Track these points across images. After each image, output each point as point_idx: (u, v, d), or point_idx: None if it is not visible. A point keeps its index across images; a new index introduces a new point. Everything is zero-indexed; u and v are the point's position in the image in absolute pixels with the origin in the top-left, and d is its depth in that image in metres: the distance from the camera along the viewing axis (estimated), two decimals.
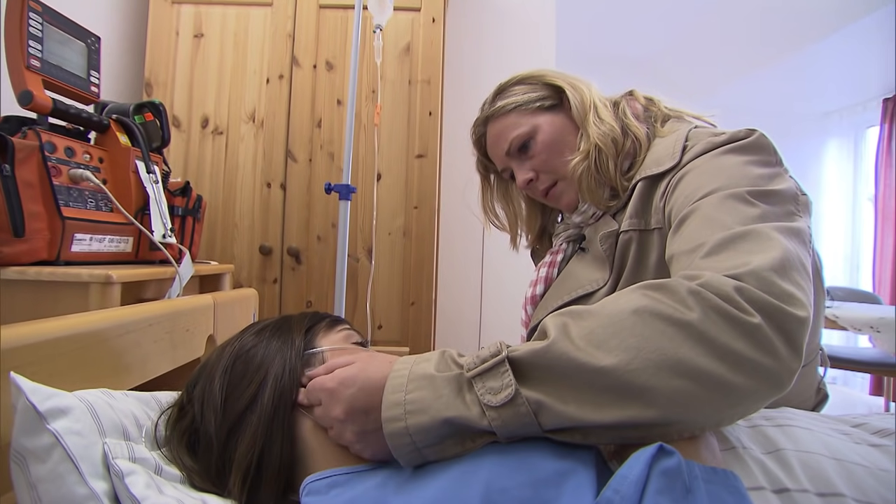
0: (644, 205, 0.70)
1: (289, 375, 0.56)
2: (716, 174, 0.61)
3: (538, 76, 0.82)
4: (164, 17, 1.74)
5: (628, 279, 0.70)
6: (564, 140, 0.79)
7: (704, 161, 0.64)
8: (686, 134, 0.71)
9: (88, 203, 0.93)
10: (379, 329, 1.72)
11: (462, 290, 2.20)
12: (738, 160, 0.62)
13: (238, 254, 1.73)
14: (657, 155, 0.72)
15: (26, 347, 0.50)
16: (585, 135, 0.76)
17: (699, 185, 0.61)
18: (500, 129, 0.82)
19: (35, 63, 0.89)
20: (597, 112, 0.76)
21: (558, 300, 0.77)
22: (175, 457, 0.54)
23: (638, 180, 0.72)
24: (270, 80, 1.75)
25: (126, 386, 0.65)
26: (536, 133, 0.79)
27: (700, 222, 0.56)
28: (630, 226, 0.70)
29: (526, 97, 0.80)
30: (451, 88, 2.13)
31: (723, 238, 0.51)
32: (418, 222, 1.74)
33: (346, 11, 1.75)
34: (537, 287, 0.84)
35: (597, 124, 0.75)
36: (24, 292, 0.82)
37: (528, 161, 0.81)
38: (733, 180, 0.58)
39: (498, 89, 0.85)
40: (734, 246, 0.50)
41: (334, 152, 1.75)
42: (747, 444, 0.51)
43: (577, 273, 0.78)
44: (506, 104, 0.81)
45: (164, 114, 1.16)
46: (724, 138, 0.66)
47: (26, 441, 0.44)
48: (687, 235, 0.56)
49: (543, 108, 0.80)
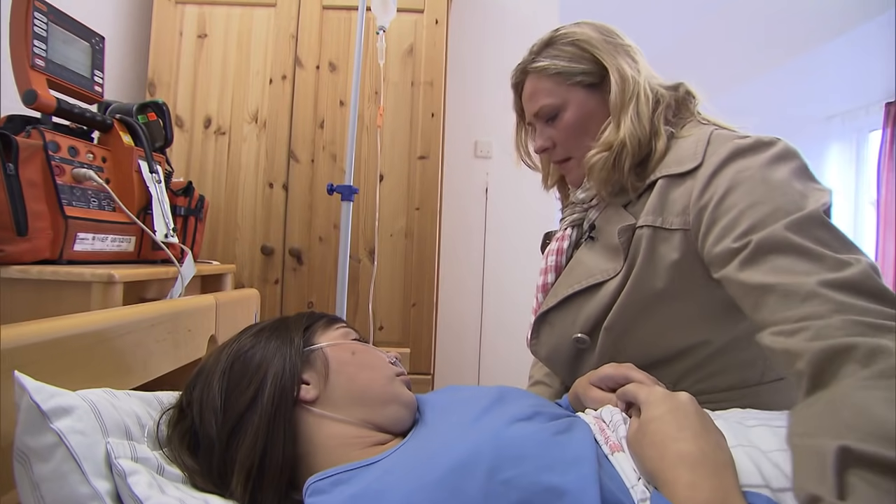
0: (662, 203, 0.70)
1: (289, 373, 0.56)
2: (770, 192, 0.60)
3: (591, 45, 0.78)
4: (167, 17, 1.75)
5: (639, 273, 0.70)
6: (589, 124, 0.79)
7: (753, 174, 0.63)
8: (708, 136, 0.70)
9: (91, 202, 0.94)
10: (380, 330, 1.72)
11: (463, 292, 2.20)
12: (784, 173, 0.61)
13: (240, 254, 1.73)
14: (679, 155, 0.71)
15: (29, 347, 0.50)
16: (615, 125, 0.75)
17: (754, 201, 0.60)
18: (535, 89, 0.82)
19: (40, 62, 0.89)
20: (637, 107, 0.75)
21: (568, 288, 0.77)
22: (176, 457, 0.55)
23: (658, 178, 0.71)
24: (273, 80, 1.75)
25: (128, 386, 0.65)
26: (565, 109, 0.79)
27: (792, 261, 0.55)
28: (647, 221, 0.70)
29: (569, 66, 0.78)
30: (454, 90, 2.13)
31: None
32: (420, 223, 1.74)
33: (350, 13, 1.75)
34: (548, 276, 0.84)
35: (633, 121, 0.74)
36: (27, 291, 0.82)
37: (550, 130, 0.81)
38: (793, 202, 0.58)
39: (549, 40, 0.82)
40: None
41: (336, 153, 1.75)
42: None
43: (586, 262, 0.78)
44: (549, 66, 0.79)
45: (168, 114, 1.16)
46: (749, 142, 0.65)
47: (30, 440, 0.44)
48: (785, 273, 0.54)
49: (583, 84, 0.78)
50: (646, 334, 0.72)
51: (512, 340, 2.15)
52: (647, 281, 0.69)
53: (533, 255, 1.04)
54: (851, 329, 0.47)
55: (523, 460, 0.46)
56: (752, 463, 0.48)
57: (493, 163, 2.21)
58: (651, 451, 0.47)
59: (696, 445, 0.45)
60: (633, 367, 0.64)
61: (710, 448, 0.45)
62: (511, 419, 0.53)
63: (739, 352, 0.72)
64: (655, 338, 0.72)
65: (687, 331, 0.71)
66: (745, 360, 0.73)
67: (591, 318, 0.74)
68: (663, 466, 0.45)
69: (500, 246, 2.19)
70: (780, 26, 2.99)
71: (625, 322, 0.71)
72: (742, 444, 0.51)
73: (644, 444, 0.48)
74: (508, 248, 2.18)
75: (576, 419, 0.58)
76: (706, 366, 0.72)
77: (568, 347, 0.78)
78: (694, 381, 0.73)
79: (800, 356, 0.48)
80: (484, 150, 2.21)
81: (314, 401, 0.57)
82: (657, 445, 0.47)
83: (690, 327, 0.71)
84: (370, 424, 0.58)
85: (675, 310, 0.70)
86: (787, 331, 0.51)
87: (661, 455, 0.45)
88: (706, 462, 0.44)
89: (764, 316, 0.55)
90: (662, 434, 0.47)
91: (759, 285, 0.56)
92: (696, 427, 0.47)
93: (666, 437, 0.47)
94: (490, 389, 0.64)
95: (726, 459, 0.45)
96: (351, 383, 0.59)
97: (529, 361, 1.03)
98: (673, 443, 0.46)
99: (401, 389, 0.62)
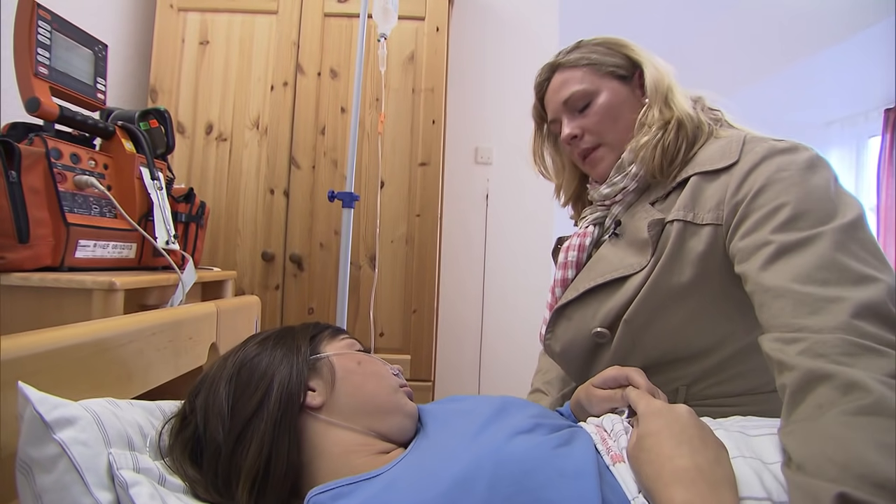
0: (695, 199, 0.70)
1: (296, 379, 0.57)
2: (807, 196, 0.60)
3: (622, 45, 0.82)
4: (170, 24, 1.76)
5: (664, 266, 0.69)
6: (622, 110, 0.79)
7: (791, 174, 0.63)
8: (743, 137, 0.71)
9: (93, 209, 0.94)
10: (381, 336, 1.72)
11: (464, 298, 2.19)
12: (821, 180, 0.62)
13: (240, 260, 1.73)
14: (711, 153, 0.72)
15: (30, 357, 0.50)
16: (666, 107, 0.76)
17: (788, 201, 0.60)
18: (566, 78, 0.82)
19: (43, 70, 0.89)
20: (674, 94, 0.77)
21: (590, 282, 0.77)
22: (178, 467, 0.55)
23: (691, 175, 0.71)
24: (275, 87, 1.76)
25: (129, 394, 0.65)
26: (598, 94, 0.80)
27: (816, 263, 0.55)
28: (678, 216, 0.70)
29: (602, 58, 0.80)
30: (455, 97, 2.14)
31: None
32: (421, 230, 1.74)
33: (351, 20, 1.76)
34: (567, 270, 0.83)
35: (682, 101, 0.76)
36: (28, 298, 0.82)
37: (581, 118, 0.81)
38: (826, 211, 0.59)
39: (578, 44, 0.84)
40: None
41: (338, 159, 1.75)
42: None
43: (609, 257, 0.77)
44: (580, 58, 0.81)
45: (169, 120, 1.16)
46: (786, 145, 0.66)
47: (32, 451, 0.44)
48: (804, 276, 0.55)
49: (615, 74, 0.80)
50: (665, 330, 0.71)
51: (513, 347, 2.15)
52: (672, 274, 0.69)
53: (534, 261, 1.04)
54: (844, 348, 0.47)
55: (524, 476, 0.46)
56: (755, 475, 0.48)
57: (494, 169, 2.21)
58: (647, 469, 0.47)
59: (692, 461, 0.45)
60: (636, 371, 0.64)
61: (708, 464, 0.45)
62: (512, 432, 0.53)
63: (757, 356, 0.72)
64: (675, 334, 0.71)
65: (706, 329, 0.70)
66: (762, 365, 0.73)
67: (612, 312, 0.73)
68: (659, 485, 0.44)
69: (500, 252, 2.19)
70: (779, 32, 3.01)
71: (645, 315, 0.70)
72: (745, 455, 0.51)
73: (641, 461, 0.48)
74: (509, 255, 2.18)
75: (577, 430, 0.58)
76: (723, 369, 0.72)
77: (585, 342, 0.77)
78: (709, 384, 0.72)
79: (788, 369, 0.50)
80: (484, 156, 2.21)
81: (320, 407, 0.57)
82: (653, 462, 0.46)
83: (710, 326, 0.70)
84: (374, 433, 0.58)
85: (696, 306, 0.69)
86: (786, 339, 0.52)
87: (658, 473, 0.45)
88: (703, 479, 0.44)
89: (769, 318, 0.56)
90: (659, 450, 0.47)
91: (773, 287, 0.56)
92: (693, 442, 0.47)
93: (662, 453, 0.47)
94: (491, 400, 0.64)
95: (725, 475, 0.45)
96: (357, 392, 0.59)
97: (530, 368, 1.03)
98: (669, 460, 0.46)
99: (404, 400, 0.63)
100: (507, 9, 2.23)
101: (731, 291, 0.66)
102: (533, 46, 2.20)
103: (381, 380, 0.62)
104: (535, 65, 0.90)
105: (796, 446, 0.46)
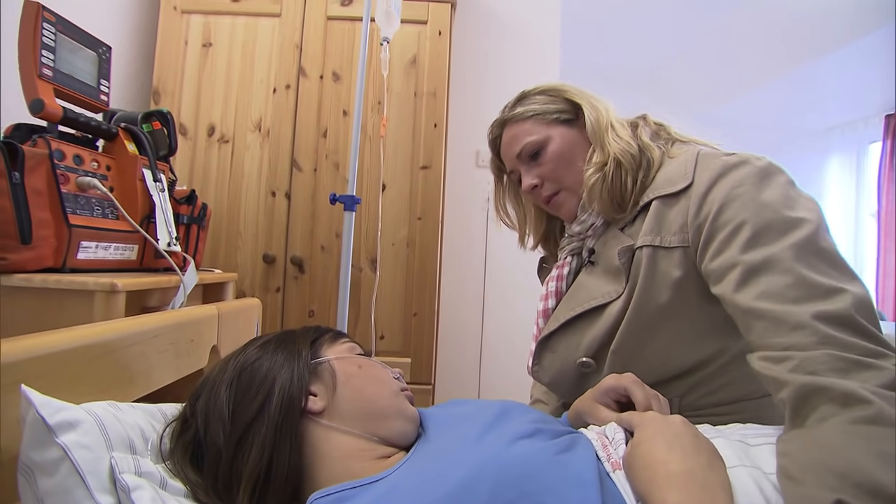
0: (659, 223, 0.71)
1: (297, 383, 0.57)
2: (763, 210, 0.62)
3: (560, 90, 0.84)
4: (173, 27, 1.76)
5: (641, 291, 0.70)
6: (574, 153, 0.81)
7: (746, 190, 0.64)
8: (696, 155, 0.73)
9: (95, 211, 0.94)
10: (381, 339, 1.72)
11: (465, 302, 2.19)
12: (776, 191, 0.63)
13: (241, 262, 1.74)
14: (669, 175, 0.73)
15: (33, 360, 0.50)
16: (601, 149, 0.78)
17: (748, 218, 0.62)
18: (515, 133, 0.84)
19: (47, 72, 0.89)
20: (614, 130, 0.79)
21: (570, 312, 0.78)
22: (179, 471, 0.54)
23: (652, 199, 0.73)
24: (277, 89, 1.76)
25: (131, 397, 0.65)
26: (548, 143, 0.82)
27: (784, 280, 0.57)
28: (646, 242, 0.71)
29: (544, 107, 0.83)
30: (457, 101, 2.14)
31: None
32: (422, 233, 1.74)
33: (354, 23, 1.77)
34: (549, 301, 0.85)
35: (616, 140, 0.78)
36: (30, 299, 0.82)
37: (537, 168, 0.83)
38: (786, 222, 0.60)
39: (520, 96, 0.87)
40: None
41: (339, 162, 1.75)
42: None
43: (588, 285, 0.79)
44: (524, 111, 0.84)
45: (172, 122, 1.16)
46: (736, 159, 0.68)
47: (34, 454, 0.44)
48: (776, 294, 0.56)
49: (559, 120, 0.82)
50: (654, 355, 0.72)
51: (513, 350, 2.15)
52: (650, 298, 0.70)
53: (535, 265, 1.04)
54: (833, 363, 0.49)
55: (525, 481, 0.46)
56: (755, 484, 0.48)
57: None
58: (641, 474, 0.47)
59: (685, 465, 0.45)
60: (635, 380, 0.64)
61: (701, 469, 0.45)
62: (513, 437, 0.53)
63: (746, 364, 0.72)
64: (663, 358, 0.72)
65: (695, 347, 0.71)
66: (751, 372, 0.73)
67: (595, 342, 0.74)
68: (652, 489, 0.45)
69: (501, 255, 2.19)
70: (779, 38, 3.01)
71: (632, 344, 0.72)
72: (745, 464, 0.51)
73: (635, 467, 0.48)
74: (510, 258, 2.18)
75: (578, 436, 0.58)
76: (715, 378, 0.72)
77: (572, 372, 0.78)
78: (702, 394, 0.73)
79: (784, 386, 0.51)
80: (486, 160, 2.20)
81: (321, 412, 0.57)
82: (647, 468, 0.47)
83: (698, 343, 0.71)
84: (375, 437, 0.58)
85: (681, 326, 0.70)
86: (774, 357, 0.54)
87: (651, 477, 0.46)
88: (695, 482, 0.44)
89: (753, 338, 0.58)
90: (652, 456, 0.48)
91: (750, 309, 0.58)
92: (686, 447, 0.48)
93: (656, 458, 0.47)
94: (492, 404, 0.64)
95: (718, 479, 0.45)
96: (358, 396, 0.59)
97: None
98: (662, 464, 0.46)
99: (405, 404, 0.62)
100: (508, 13, 2.24)
101: (710, 309, 0.68)
102: (535, 51, 2.20)
103: (382, 384, 0.62)
104: (538, 69, 0.91)
105: (794, 455, 0.47)
